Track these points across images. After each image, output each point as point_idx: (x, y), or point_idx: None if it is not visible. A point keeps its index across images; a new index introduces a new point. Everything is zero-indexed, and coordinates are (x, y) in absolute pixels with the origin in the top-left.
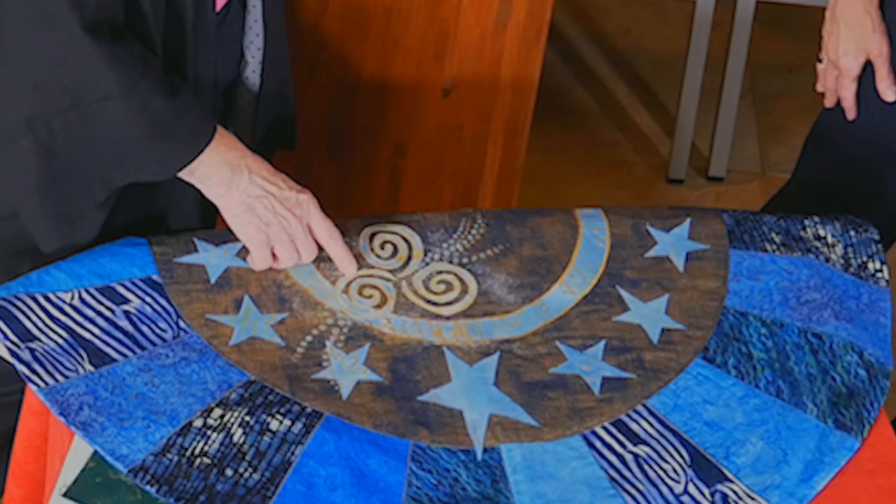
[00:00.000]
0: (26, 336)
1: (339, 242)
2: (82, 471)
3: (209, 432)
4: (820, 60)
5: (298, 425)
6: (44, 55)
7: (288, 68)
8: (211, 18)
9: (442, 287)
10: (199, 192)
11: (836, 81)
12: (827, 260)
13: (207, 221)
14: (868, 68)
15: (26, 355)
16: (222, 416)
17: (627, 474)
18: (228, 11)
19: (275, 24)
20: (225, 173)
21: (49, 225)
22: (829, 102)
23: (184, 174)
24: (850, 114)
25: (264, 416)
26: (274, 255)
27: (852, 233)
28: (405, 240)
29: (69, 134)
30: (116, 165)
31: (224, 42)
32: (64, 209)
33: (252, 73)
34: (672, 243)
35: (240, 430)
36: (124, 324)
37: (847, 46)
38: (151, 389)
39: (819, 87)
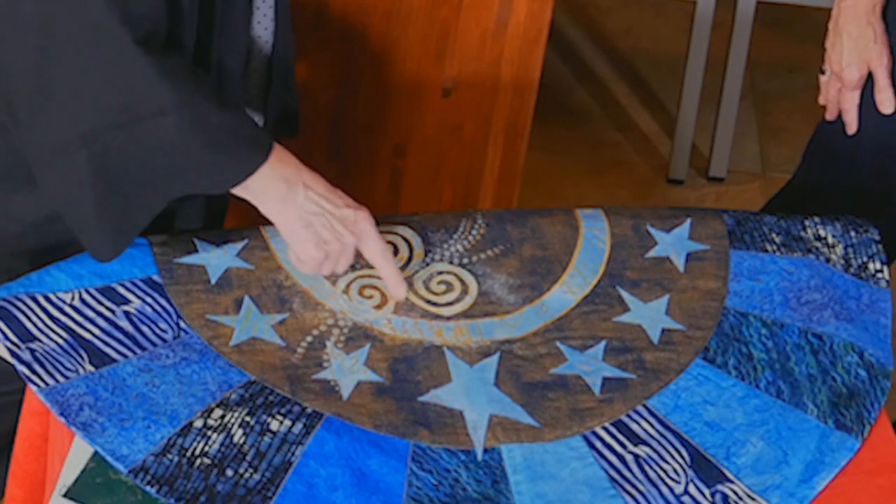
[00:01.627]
0: (26, 336)
1: (391, 264)
2: (83, 471)
3: (209, 433)
4: (823, 72)
5: (299, 426)
6: (96, 72)
7: (293, 59)
8: (238, 15)
9: (442, 287)
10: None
11: (839, 94)
12: (827, 260)
13: (214, 223)
14: (870, 77)
15: (26, 356)
16: (223, 417)
17: (628, 475)
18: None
19: (283, 16)
20: (280, 189)
21: (105, 237)
22: (830, 115)
23: (237, 189)
24: (851, 128)
25: (265, 417)
26: None
27: (853, 233)
28: (406, 240)
29: (124, 149)
30: (172, 180)
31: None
32: (119, 222)
33: (260, 65)
34: (672, 244)
35: (240, 431)
36: (124, 324)
37: (850, 57)
38: (152, 390)
39: (821, 100)
